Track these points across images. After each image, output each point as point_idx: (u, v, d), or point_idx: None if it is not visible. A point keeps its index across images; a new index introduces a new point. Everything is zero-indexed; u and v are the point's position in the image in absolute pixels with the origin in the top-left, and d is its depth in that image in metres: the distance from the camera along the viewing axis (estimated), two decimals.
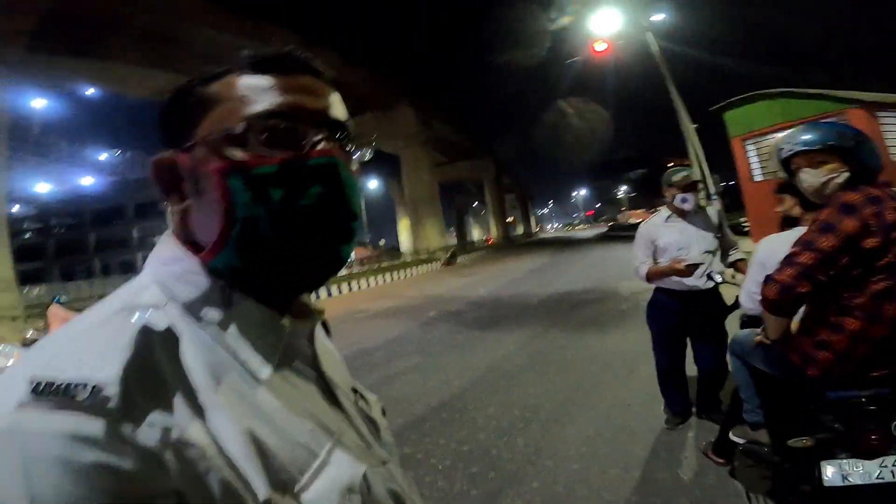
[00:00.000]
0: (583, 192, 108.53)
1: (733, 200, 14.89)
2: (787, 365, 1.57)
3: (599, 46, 12.07)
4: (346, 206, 0.45)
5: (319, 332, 0.52)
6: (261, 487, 0.38)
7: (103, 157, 32.05)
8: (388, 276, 19.25)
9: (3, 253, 13.28)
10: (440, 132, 36.73)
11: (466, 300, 10.38)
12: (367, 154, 0.52)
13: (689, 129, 11.38)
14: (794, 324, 1.58)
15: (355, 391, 0.55)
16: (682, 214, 2.68)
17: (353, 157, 0.50)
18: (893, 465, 1.41)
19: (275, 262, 0.44)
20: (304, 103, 0.45)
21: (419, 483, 2.64)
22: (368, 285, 17.14)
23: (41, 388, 0.34)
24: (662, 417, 2.98)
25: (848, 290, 1.37)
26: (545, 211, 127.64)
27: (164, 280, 0.43)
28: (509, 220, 61.37)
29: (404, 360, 5.55)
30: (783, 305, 1.41)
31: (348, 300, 13.01)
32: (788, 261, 1.38)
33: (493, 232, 50.03)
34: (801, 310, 1.52)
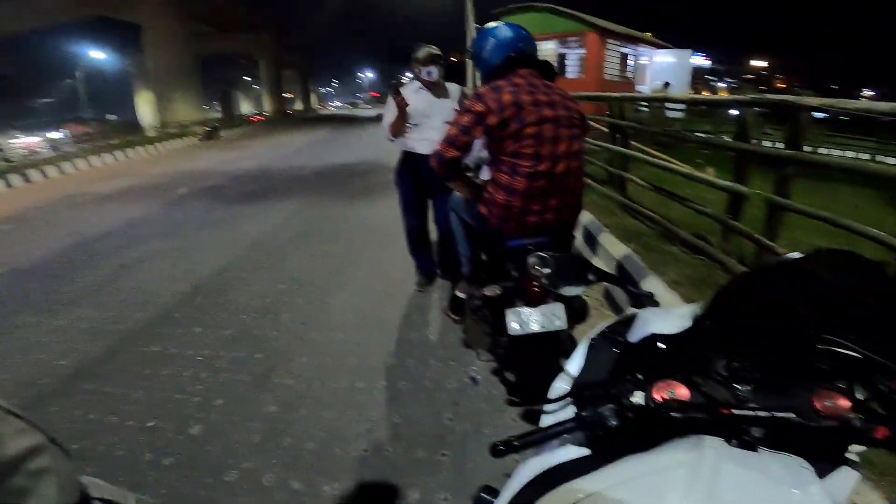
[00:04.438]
0: (370, 74, 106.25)
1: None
2: (479, 217, 1.87)
3: None
4: None
5: None
6: None
7: None
8: (121, 153, 15.29)
9: None
10: (210, 2, 29.75)
11: (228, 175, 9.21)
12: None
13: (471, 27, 12.92)
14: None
15: None
16: (430, 88, 2.82)
17: None
18: (552, 314, 1.60)
19: None
20: None
21: (178, 379, 2.37)
22: (92, 166, 13.28)
23: None
24: (415, 281, 3.30)
25: (496, 153, 1.76)
26: (328, 89, 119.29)
27: None
28: (287, 95, 55.59)
29: (145, 246, 4.70)
30: (442, 168, 1.78)
31: (62, 185, 9.75)
32: (444, 136, 1.77)
33: (268, 107, 44.70)
34: (488, 168, 1.88)
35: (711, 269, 3.00)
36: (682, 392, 0.55)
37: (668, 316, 0.70)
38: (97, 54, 32.85)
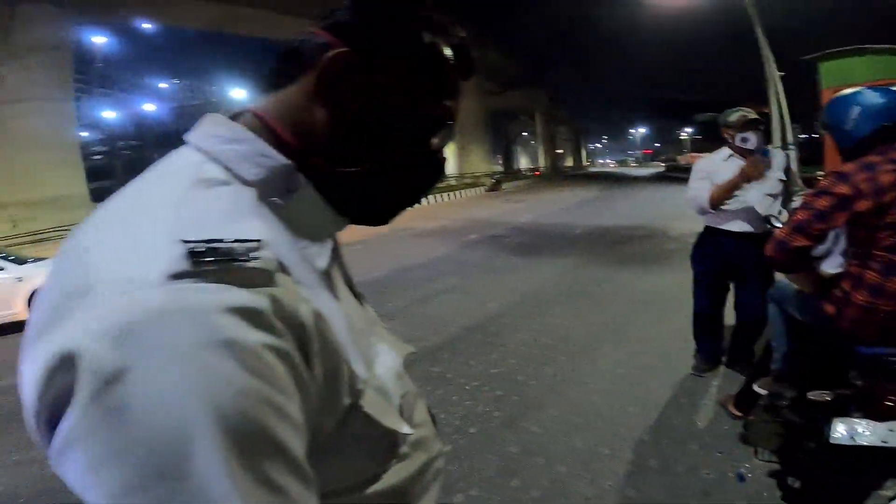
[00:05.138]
0: (642, 129, 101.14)
1: (814, 153, 13.86)
2: (821, 315, 1.59)
3: None
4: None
5: None
6: (360, 367, 0.41)
7: (162, 85, 33.76)
8: (432, 197, 19.35)
9: (78, 173, 15.22)
10: (493, 61, 35.66)
11: (508, 225, 10.38)
12: None
13: (775, 75, 10.80)
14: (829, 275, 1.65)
15: (360, 295, 0.58)
16: (744, 156, 2.51)
17: None
18: None
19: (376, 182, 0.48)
20: (456, 112, 0.51)
21: (446, 401, 2.81)
22: (414, 206, 17.35)
23: (199, 252, 0.31)
24: (690, 363, 2.98)
25: (863, 245, 1.50)
26: (598, 146, 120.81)
27: (225, 158, 0.41)
28: (559, 151, 59.21)
29: (443, 281, 5.73)
30: (786, 258, 1.55)
31: (398, 218, 13.19)
32: (788, 221, 1.57)
33: (542, 162, 48.60)
34: (840, 261, 1.62)
35: None
36: None
37: None
38: None
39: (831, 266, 1.68)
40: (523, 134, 64.34)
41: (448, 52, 0.48)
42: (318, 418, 0.36)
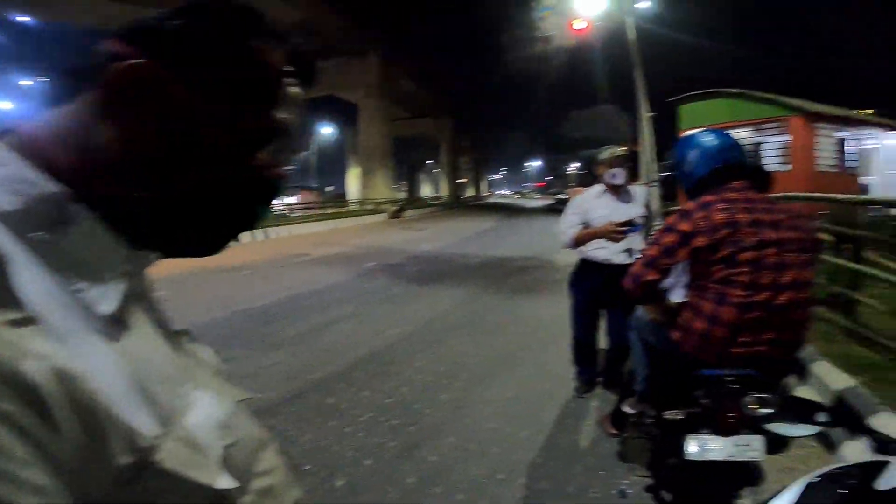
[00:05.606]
0: (537, 163, 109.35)
1: (670, 190, 15.72)
2: (669, 341, 1.74)
3: (578, 25, 11.86)
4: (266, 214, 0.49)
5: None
6: (147, 422, 0.36)
7: (27, 83, 29.41)
8: (331, 222, 18.84)
9: None
10: (404, 88, 36.31)
11: (408, 254, 10.37)
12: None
13: (645, 116, 11.66)
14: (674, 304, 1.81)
15: (182, 333, 0.52)
16: (614, 191, 2.79)
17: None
18: (745, 445, 1.50)
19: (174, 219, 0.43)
20: (296, 124, 0.47)
21: (340, 433, 2.69)
22: (310, 230, 16.68)
23: None
24: (574, 385, 3.17)
25: (700, 278, 1.62)
26: (498, 176, 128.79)
27: None
28: (461, 181, 61.79)
29: (338, 309, 5.50)
30: (638, 291, 1.68)
31: (288, 244, 12.59)
32: (641, 256, 1.69)
33: (445, 190, 50.19)
34: (684, 292, 1.74)
35: None
36: None
37: None
38: (326, 129, 41.43)
39: (677, 296, 1.85)
40: (428, 162, 66.21)
41: (276, 57, 0.44)
42: (85, 479, 0.32)
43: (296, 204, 26.28)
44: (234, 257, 10.02)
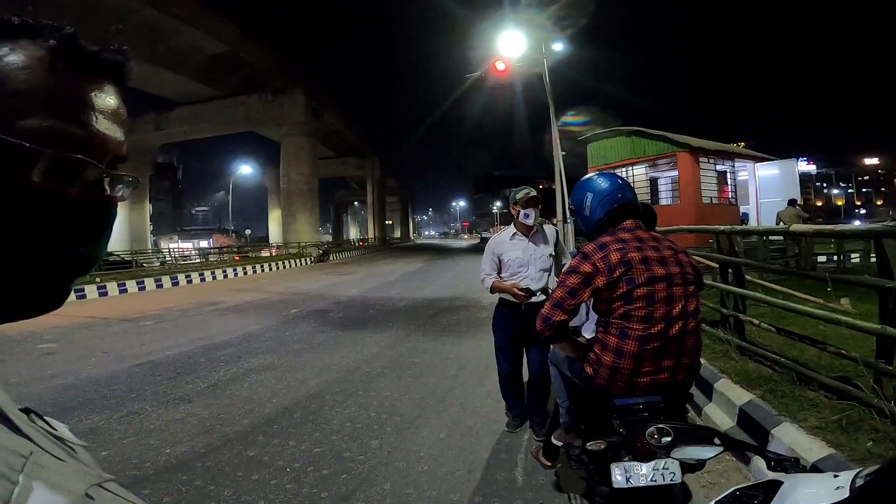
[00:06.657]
0: (462, 203, 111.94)
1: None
2: (583, 374, 1.82)
3: (500, 66, 12.59)
4: (101, 251, 0.41)
5: None
6: None
7: None
8: (250, 268, 17.78)
9: None
10: (330, 125, 35.40)
11: (333, 300, 10.04)
12: (127, 194, 0.45)
13: (558, 155, 12.38)
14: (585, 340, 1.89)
15: (28, 411, 0.43)
16: (525, 231, 2.94)
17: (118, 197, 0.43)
18: (664, 469, 1.55)
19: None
20: (107, 134, 0.39)
21: (265, 486, 2.50)
22: (226, 276, 15.60)
23: None
24: (505, 420, 3.20)
25: (604, 315, 1.70)
26: (424, 217, 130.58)
27: None
28: (388, 222, 61.63)
29: (257, 359, 5.15)
30: (548, 331, 1.70)
31: (203, 291, 11.67)
32: (550, 297, 1.71)
33: (371, 233, 49.65)
34: (593, 328, 1.82)
35: (863, 412, 2.53)
36: None
37: (820, 484, 0.64)
38: (245, 168, 38.17)
39: (588, 332, 1.95)
40: (354, 203, 64.94)
41: (39, 53, 0.37)
42: None
43: (209, 249, 24.61)
44: (134, 307, 9.13)
